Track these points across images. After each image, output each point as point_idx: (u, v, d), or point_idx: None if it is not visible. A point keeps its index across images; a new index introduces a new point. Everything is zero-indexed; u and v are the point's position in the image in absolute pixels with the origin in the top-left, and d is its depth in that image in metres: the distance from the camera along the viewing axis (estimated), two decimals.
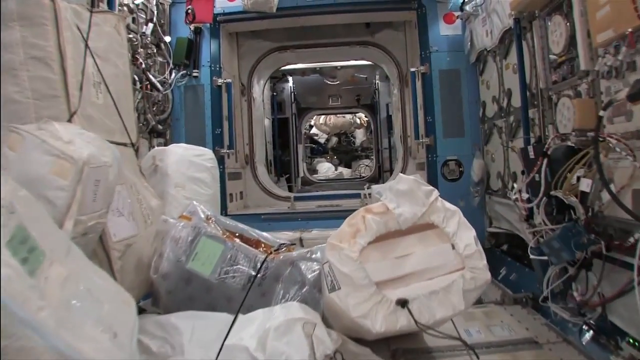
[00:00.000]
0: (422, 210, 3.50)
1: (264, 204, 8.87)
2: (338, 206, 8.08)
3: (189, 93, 7.59)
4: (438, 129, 7.29)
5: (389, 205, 3.55)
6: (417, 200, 3.54)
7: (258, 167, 9.13)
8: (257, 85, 9.47)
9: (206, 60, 7.62)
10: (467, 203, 7.17)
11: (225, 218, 4.43)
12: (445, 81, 7.33)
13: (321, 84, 15.05)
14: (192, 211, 4.02)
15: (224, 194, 7.59)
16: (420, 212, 3.50)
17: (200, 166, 5.55)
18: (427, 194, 3.58)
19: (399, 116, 9.10)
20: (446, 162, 7.31)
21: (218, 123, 7.55)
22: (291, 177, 14.85)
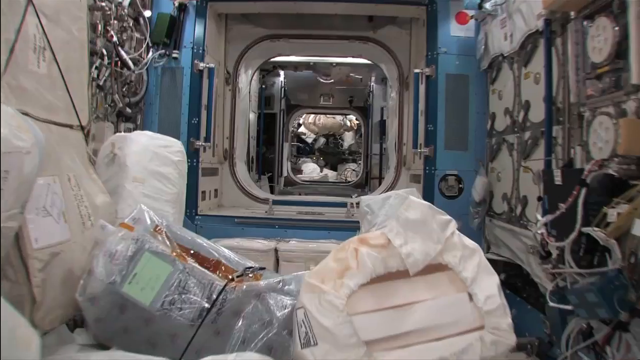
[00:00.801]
0: (436, 248, 2.70)
1: (240, 204, 8.07)
2: (321, 215, 7.31)
3: (167, 76, 6.78)
4: (439, 139, 6.56)
5: (394, 240, 2.74)
6: (431, 235, 2.75)
7: (237, 164, 8.33)
8: (244, 75, 8.67)
9: (189, 41, 6.82)
10: (465, 224, 6.41)
11: (182, 229, 3.60)
12: (452, 87, 6.60)
13: (314, 81, 14.27)
14: (136, 218, 3.19)
15: (196, 191, 6.81)
16: (435, 252, 2.70)
17: (166, 159, 4.75)
18: (442, 225, 2.80)
19: (395, 121, 8.36)
20: (445, 176, 6.58)
21: (195, 112, 6.75)
22: (274, 176, 14.06)
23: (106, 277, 2.83)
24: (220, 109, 7.87)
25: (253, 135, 10.71)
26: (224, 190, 8.16)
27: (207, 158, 7.21)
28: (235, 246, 6.03)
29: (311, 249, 6.07)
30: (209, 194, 7.40)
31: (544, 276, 4.70)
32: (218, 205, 7.98)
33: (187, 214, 6.66)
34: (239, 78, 8.29)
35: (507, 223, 5.69)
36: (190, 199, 6.66)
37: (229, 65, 8.14)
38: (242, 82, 8.55)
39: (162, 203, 4.56)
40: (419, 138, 6.79)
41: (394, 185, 8.07)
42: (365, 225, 5.83)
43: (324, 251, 6.04)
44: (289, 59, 10.60)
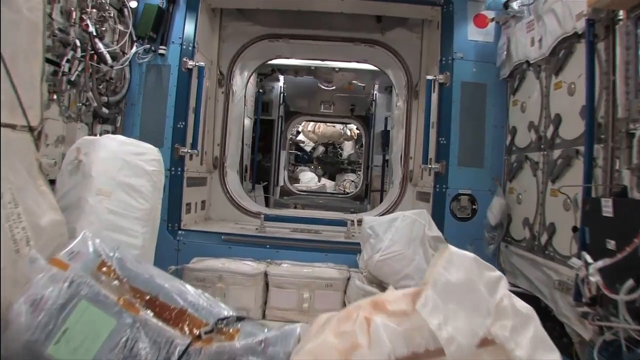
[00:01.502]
0: (485, 324, 1.96)
1: (229, 217, 7.38)
2: (317, 234, 6.61)
3: (152, 74, 6.11)
4: (452, 154, 5.89)
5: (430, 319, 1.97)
6: (479, 304, 2.01)
7: (228, 173, 7.64)
8: (239, 77, 7.99)
9: (177, 36, 6.15)
10: (478, 250, 5.75)
11: (139, 265, 2.84)
12: (468, 97, 5.95)
13: (314, 88, 13.57)
14: (75, 251, 2.47)
15: (180, 203, 6.13)
16: (484, 329, 1.96)
17: (138, 169, 4.07)
18: (492, 286, 2.08)
19: (401, 133, 7.68)
20: (457, 196, 5.91)
21: (182, 115, 6.06)
22: (269, 185, 13.36)
23: (26, 332, 2.12)
24: (212, 113, 7.19)
25: (248, 143, 10.01)
26: (213, 202, 7.47)
27: (194, 166, 6.52)
28: (220, 268, 5.36)
29: (305, 274, 5.38)
30: (195, 206, 6.71)
31: (576, 319, 4.06)
32: (205, 218, 7.28)
33: (169, 229, 6.01)
34: (233, 80, 7.61)
35: (528, 252, 5.05)
36: (173, 212, 6.04)
37: (222, 65, 7.47)
38: (237, 84, 7.88)
39: (131, 221, 3.87)
40: (429, 152, 6.10)
41: (398, 202, 7.39)
42: (368, 249, 5.15)
43: (320, 277, 5.39)
44: (288, 62, 9.90)
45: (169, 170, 5.99)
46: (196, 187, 6.71)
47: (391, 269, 4.86)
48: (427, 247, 4.96)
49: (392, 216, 5.16)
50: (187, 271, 5.46)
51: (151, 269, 2.76)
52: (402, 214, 5.10)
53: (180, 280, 2.76)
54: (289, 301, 5.36)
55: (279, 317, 5.38)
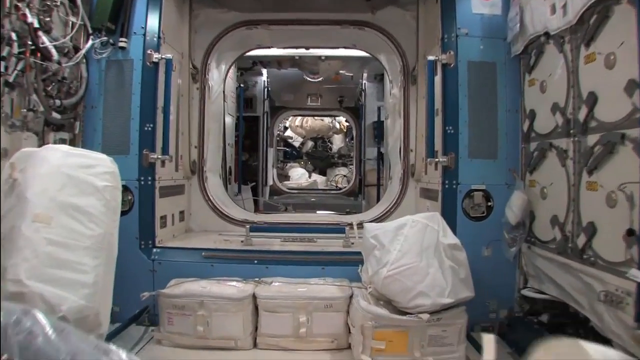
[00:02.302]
0: None
1: (212, 228, 6.60)
2: (311, 243, 5.83)
3: (112, 70, 5.31)
4: (462, 145, 5.14)
5: None
6: None
7: (209, 178, 6.84)
8: (216, 71, 7.16)
9: (139, 26, 5.34)
10: (496, 253, 5.12)
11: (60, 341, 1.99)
12: (475, 78, 5.19)
13: (300, 80, 12.87)
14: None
15: (152, 217, 5.35)
16: None
17: (86, 185, 3.30)
18: None
19: (398, 123, 6.90)
20: (470, 192, 5.16)
21: (149, 116, 5.28)
22: (258, 185, 12.59)
23: None
24: (186, 112, 6.38)
25: (231, 142, 9.20)
26: (194, 211, 6.68)
27: (167, 174, 5.74)
28: (201, 293, 4.60)
29: (300, 294, 4.59)
30: (172, 218, 5.92)
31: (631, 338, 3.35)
32: (186, 229, 6.50)
33: (142, 247, 5.26)
34: (209, 74, 6.79)
35: (559, 255, 4.32)
36: (145, 228, 5.29)
37: (195, 58, 6.65)
38: (214, 79, 7.06)
39: (78, 252, 3.10)
40: (435, 144, 5.35)
41: (399, 200, 6.62)
42: (372, 263, 4.37)
43: (317, 297, 4.57)
44: (270, 53, 9.04)
45: (138, 180, 5.21)
46: (172, 197, 5.93)
47: (402, 285, 4.11)
48: (443, 257, 4.22)
49: (399, 222, 4.40)
50: (162, 298, 4.70)
51: (76, 343, 1.92)
52: (411, 219, 4.34)
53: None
54: (284, 327, 4.58)
55: (272, 345, 4.62)
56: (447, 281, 4.17)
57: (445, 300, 4.14)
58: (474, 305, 4.53)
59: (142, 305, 5.05)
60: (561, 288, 4.31)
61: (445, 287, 4.15)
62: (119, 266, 5.10)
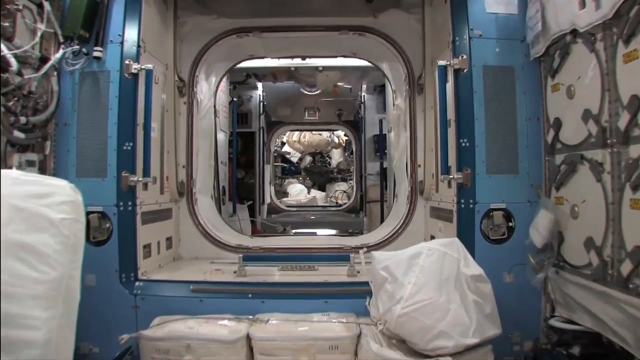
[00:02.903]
0: None
1: (204, 254, 6.03)
2: (312, 271, 5.25)
3: (87, 83, 4.78)
4: (478, 159, 4.60)
5: None
6: None
7: (199, 200, 6.27)
8: (205, 84, 6.62)
9: (116, 33, 4.81)
10: (519, 279, 4.55)
11: None
12: (492, 84, 4.67)
13: (297, 94, 12.42)
14: None
15: (134, 247, 4.78)
16: None
17: (38, 219, 2.72)
18: None
19: (403, 136, 6.37)
20: (489, 212, 4.60)
21: (129, 134, 4.73)
22: (255, 204, 12.02)
23: None
24: (171, 129, 5.80)
25: (224, 160, 8.63)
26: (183, 237, 6.11)
27: (151, 197, 5.18)
28: (188, 335, 4.03)
29: (301, 335, 3.98)
30: (158, 247, 5.35)
31: None
32: (174, 258, 5.92)
33: (123, 280, 4.68)
34: (197, 87, 6.24)
35: (596, 282, 3.75)
36: (125, 259, 4.72)
37: (182, 70, 6.11)
38: (203, 92, 6.51)
39: (25, 304, 2.49)
40: (448, 159, 4.79)
41: (407, 221, 6.06)
42: (384, 298, 3.78)
43: (321, 337, 3.94)
44: (264, 64, 8.52)
45: (117, 206, 4.65)
46: (157, 223, 5.36)
47: (419, 325, 3.54)
48: (466, 291, 3.66)
49: (413, 250, 3.83)
50: (144, 341, 4.11)
51: None
52: (427, 247, 3.78)
53: None
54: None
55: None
56: (471, 318, 3.60)
57: (470, 340, 3.57)
58: (496, 338, 3.96)
59: (124, 346, 4.47)
60: (598, 319, 3.78)
61: (470, 325, 3.58)
62: (97, 303, 4.61)
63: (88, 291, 4.63)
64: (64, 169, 4.71)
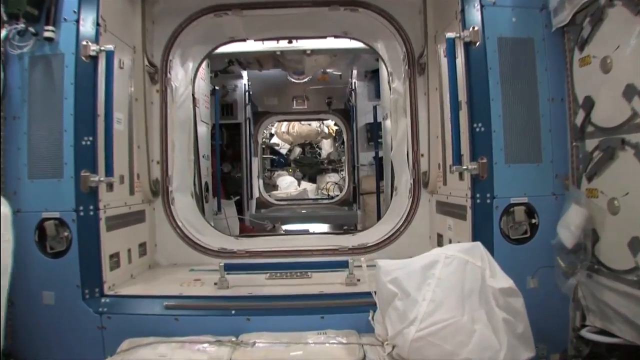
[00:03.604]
0: None
1: (183, 260, 5.39)
2: (305, 278, 4.60)
3: (38, 69, 4.08)
4: (496, 146, 3.96)
5: None
6: None
7: (177, 200, 5.59)
8: (181, 70, 5.92)
9: (71, 9, 4.09)
10: (545, 283, 3.94)
11: None
12: (509, 60, 4.04)
13: (284, 82, 11.81)
14: None
15: (97, 257, 4.11)
16: None
17: None
18: None
19: (403, 123, 5.73)
20: (509, 207, 3.96)
21: (88, 127, 4.04)
22: (243, 199, 11.36)
23: None
24: (142, 120, 5.07)
25: (206, 154, 7.93)
26: (160, 241, 5.45)
27: (118, 199, 4.51)
28: None
29: None
30: (129, 255, 4.69)
31: None
32: (150, 266, 5.27)
33: (86, 297, 4.02)
34: (171, 73, 5.56)
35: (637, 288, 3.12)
36: (88, 272, 4.08)
37: (154, 55, 5.43)
38: (178, 79, 5.82)
39: None
40: (461, 147, 4.15)
41: (410, 218, 5.43)
42: (393, 318, 3.10)
43: None
44: (247, 49, 7.80)
45: (76, 211, 3.97)
46: (128, 228, 4.70)
47: (439, 351, 2.90)
48: (493, 307, 3.01)
49: (427, 258, 3.19)
50: None
51: None
52: (444, 254, 3.14)
53: None
54: None
55: None
56: (501, 340, 2.95)
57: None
58: None
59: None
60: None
61: (499, 349, 2.93)
62: (58, 324, 3.98)
63: (46, 311, 4.02)
64: (14, 169, 4.03)
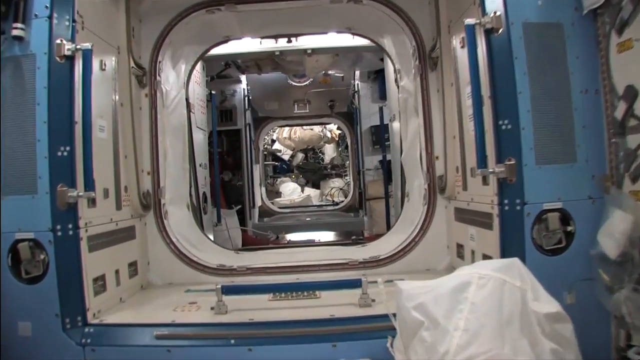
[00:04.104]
0: None
1: (179, 279, 4.94)
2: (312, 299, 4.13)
3: (7, 71, 3.64)
4: (525, 145, 3.49)
5: None
6: None
7: (171, 213, 5.13)
8: (173, 72, 5.47)
9: (42, 5, 3.63)
10: (581, 298, 3.45)
11: None
12: (536, 48, 3.56)
13: (284, 86, 11.34)
14: None
15: (79, 282, 3.66)
16: None
17: None
18: None
19: (413, 123, 5.26)
20: (542, 214, 3.49)
21: (64, 135, 3.60)
22: (245, 208, 10.88)
23: None
24: (129, 127, 4.60)
25: (203, 162, 7.46)
26: (153, 259, 5.00)
27: (103, 215, 4.06)
28: None
29: None
30: (117, 277, 4.23)
31: None
32: (142, 286, 4.81)
33: (68, 327, 3.59)
34: (161, 76, 5.12)
35: None
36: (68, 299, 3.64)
37: (141, 55, 4.99)
38: (170, 82, 5.37)
39: None
40: (486, 147, 3.68)
41: (425, 227, 4.97)
42: (419, 351, 2.47)
43: None
44: (243, 49, 7.36)
45: (53, 230, 3.51)
46: (115, 247, 4.24)
47: None
48: (538, 335, 2.53)
49: (456, 280, 2.71)
50: None
51: None
52: (477, 274, 2.66)
53: None
54: None
55: None
56: None
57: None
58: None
59: None
60: None
61: None
62: (36, 358, 3.51)
63: (22, 344, 3.53)
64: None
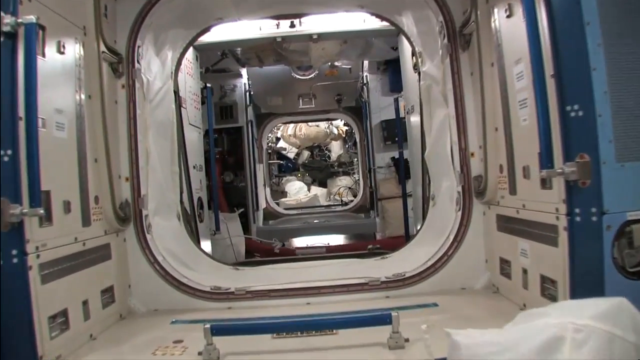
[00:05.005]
0: None
1: (167, 305, 4.15)
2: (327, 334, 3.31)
3: None
4: (603, 138, 2.65)
5: None
6: None
7: (155, 226, 4.32)
8: (156, 59, 4.66)
9: None
10: None
11: None
12: (611, 12, 2.72)
13: (288, 79, 10.59)
14: None
15: (29, 322, 2.86)
16: None
17: None
18: None
19: (440, 114, 4.44)
20: (625, 226, 2.66)
21: (4, 135, 2.80)
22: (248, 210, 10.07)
23: None
24: (99, 125, 3.78)
25: (198, 164, 6.62)
26: (134, 282, 4.20)
27: (62, 234, 3.25)
28: None
29: None
30: (84, 310, 3.42)
31: None
32: (121, 315, 4.01)
33: None
34: (140, 63, 4.31)
35: None
36: (14, 345, 2.82)
37: (117, 39, 4.19)
38: (153, 71, 4.56)
39: None
40: (553, 141, 2.84)
41: (460, 237, 4.15)
42: None
43: None
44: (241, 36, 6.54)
45: None
46: (82, 272, 3.43)
47: None
48: None
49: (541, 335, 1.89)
50: None
51: None
52: (571, 325, 1.85)
53: None
54: None
55: None
56: None
57: None
58: None
59: None
60: None
61: None
62: None
63: None
64: None
